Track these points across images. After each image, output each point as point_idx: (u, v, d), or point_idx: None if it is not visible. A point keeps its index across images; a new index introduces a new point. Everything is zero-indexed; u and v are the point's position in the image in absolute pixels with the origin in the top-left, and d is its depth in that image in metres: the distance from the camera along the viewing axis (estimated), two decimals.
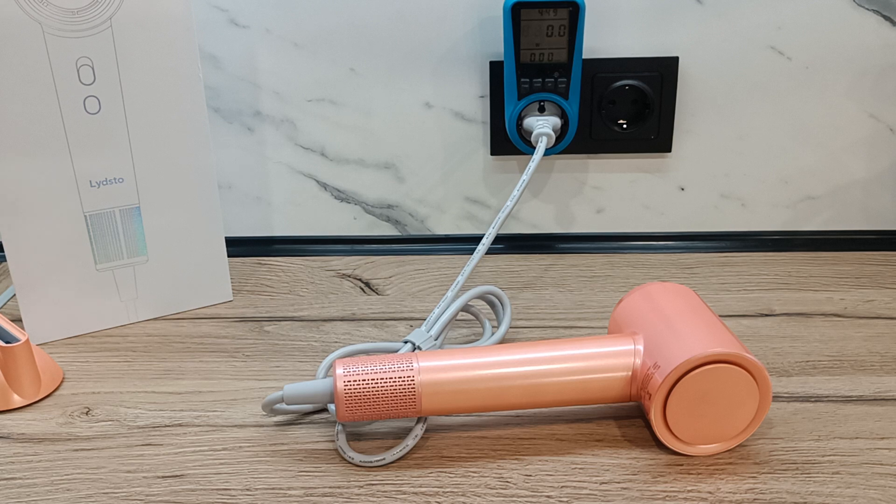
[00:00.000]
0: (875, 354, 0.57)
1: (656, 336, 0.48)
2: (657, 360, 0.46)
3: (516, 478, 0.46)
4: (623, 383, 0.48)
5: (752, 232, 0.77)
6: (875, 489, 0.44)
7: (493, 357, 0.48)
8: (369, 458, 0.47)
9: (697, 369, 0.45)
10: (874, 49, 0.70)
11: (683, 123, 0.74)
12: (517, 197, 0.65)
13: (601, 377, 0.48)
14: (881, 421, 0.49)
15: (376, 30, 0.72)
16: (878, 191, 0.76)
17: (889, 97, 0.72)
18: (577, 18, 0.66)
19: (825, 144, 0.74)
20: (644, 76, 0.71)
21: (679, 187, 0.76)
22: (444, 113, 0.74)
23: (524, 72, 0.69)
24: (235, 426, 0.51)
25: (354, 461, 0.47)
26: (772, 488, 0.44)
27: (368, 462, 0.47)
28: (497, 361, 0.48)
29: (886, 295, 0.66)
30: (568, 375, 0.48)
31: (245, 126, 0.75)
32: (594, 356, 0.48)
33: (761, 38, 0.71)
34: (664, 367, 0.45)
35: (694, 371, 0.45)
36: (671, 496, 0.44)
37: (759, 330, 0.61)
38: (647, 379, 0.46)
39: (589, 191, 0.77)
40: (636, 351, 0.48)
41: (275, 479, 0.46)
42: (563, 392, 0.48)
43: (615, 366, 0.48)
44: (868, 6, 0.69)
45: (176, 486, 0.46)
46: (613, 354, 0.48)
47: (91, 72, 0.57)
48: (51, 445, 0.50)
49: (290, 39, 0.72)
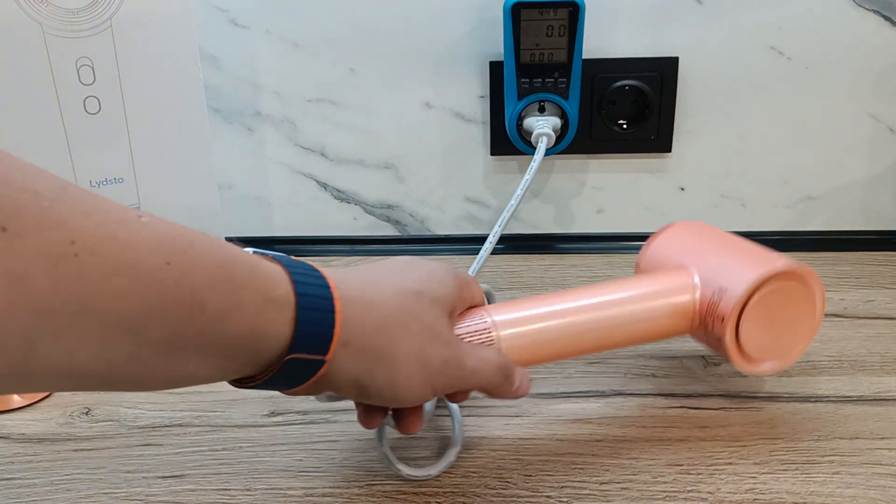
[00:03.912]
0: (875, 354, 0.57)
1: (709, 265, 0.49)
2: (722, 285, 0.47)
3: (516, 478, 0.46)
4: (689, 315, 0.49)
5: (752, 232, 0.77)
6: (875, 489, 0.44)
7: (564, 304, 0.48)
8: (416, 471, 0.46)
9: (765, 287, 0.46)
10: (874, 49, 0.70)
11: (683, 123, 0.74)
12: (520, 196, 0.66)
13: (668, 312, 0.48)
14: (881, 421, 0.49)
15: (376, 30, 0.72)
16: (878, 191, 0.76)
17: (889, 97, 0.72)
18: (577, 18, 0.66)
19: (825, 144, 0.74)
20: (644, 76, 0.71)
21: (679, 187, 0.76)
22: (444, 113, 0.74)
23: (524, 72, 0.69)
24: (235, 426, 0.51)
25: (402, 473, 0.45)
26: (772, 488, 0.44)
27: (415, 476, 0.45)
28: (569, 309, 0.48)
29: (886, 295, 0.66)
30: (638, 316, 0.48)
31: (245, 126, 0.75)
32: (658, 294, 0.49)
33: (761, 38, 0.71)
34: (732, 291, 0.46)
35: (762, 288, 0.46)
36: (671, 496, 0.44)
37: None
38: (714, 306, 0.47)
39: (589, 191, 0.77)
40: (694, 284, 0.49)
41: (275, 479, 0.46)
42: (634, 333, 0.48)
43: (679, 301, 0.49)
44: (868, 6, 0.69)
45: (176, 487, 0.46)
46: (675, 290, 0.49)
47: (91, 72, 0.57)
48: (51, 445, 0.50)
49: (291, 40, 0.72)
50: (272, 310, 0.34)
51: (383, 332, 0.38)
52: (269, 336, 0.34)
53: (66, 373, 0.30)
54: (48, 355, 0.28)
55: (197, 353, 0.32)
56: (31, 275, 0.27)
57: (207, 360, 0.33)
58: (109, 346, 0.30)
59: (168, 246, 0.31)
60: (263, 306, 0.34)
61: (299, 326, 0.35)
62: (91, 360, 0.30)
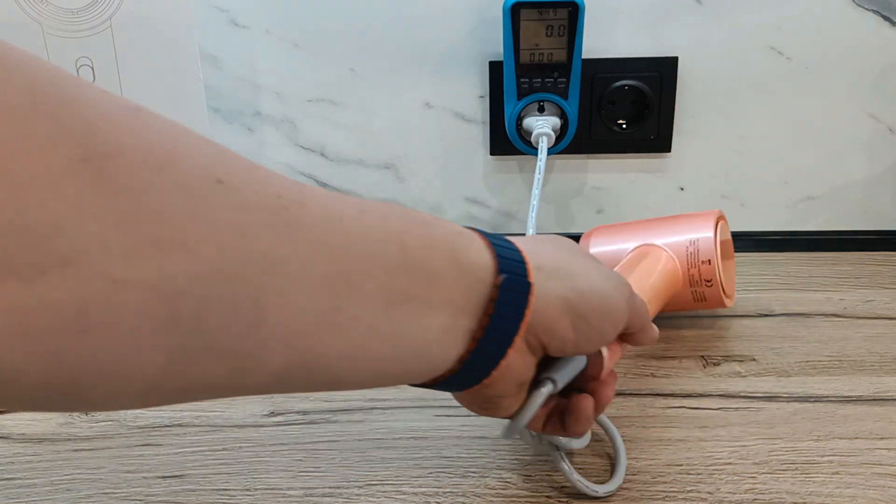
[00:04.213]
0: (874, 354, 0.57)
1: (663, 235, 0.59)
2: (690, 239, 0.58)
3: (516, 478, 0.46)
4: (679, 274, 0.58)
5: (752, 232, 0.77)
6: (874, 489, 0.44)
7: None
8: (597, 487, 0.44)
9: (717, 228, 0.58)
10: (874, 49, 0.70)
11: (683, 123, 0.74)
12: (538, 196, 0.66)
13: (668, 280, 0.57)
14: (880, 421, 0.49)
15: (376, 30, 0.72)
16: (878, 191, 0.76)
17: (889, 97, 0.72)
18: (577, 18, 0.66)
19: (825, 144, 0.74)
20: (644, 76, 0.71)
21: (679, 187, 0.76)
22: (444, 113, 0.74)
23: (524, 72, 0.69)
24: (235, 426, 0.51)
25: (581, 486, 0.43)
26: (771, 488, 0.44)
27: (595, 492, 0.43)
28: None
29: (886, 295, 0.66)
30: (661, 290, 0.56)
31: (245, 126, 0.75)
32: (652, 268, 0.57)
33: (761, 38, 0.71)
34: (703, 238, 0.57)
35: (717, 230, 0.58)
36: (671, 496, 0.44)
37: (758, 330, 0.61)
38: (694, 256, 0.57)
39: (589, 191, 0.77)
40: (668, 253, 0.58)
41: (275, 480, 0.46)
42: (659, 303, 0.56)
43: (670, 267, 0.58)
44: (868, 6, 0.69)
45: (176, 487, 0.46)
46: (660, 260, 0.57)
47: (91, 72, 0.57)
48: (51, 446, 0.50)
49: (291, 40, 0.72)
50: (464, 239, 0.34)
51: (563, 261, 0.38)
52: (472, 264, 0.33)
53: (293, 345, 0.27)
54: (275, 322, 0.26)
55: (415, 304, 0.31)
56: (253, 227, 0.26)
57: (427, 313, 0.31)
58: (333, 304, 0.28)
59: (356, 200, 0.31)
60: (456, 239, 0.33)
61: (496, 249, 0.34)
62: (315, 326, 0.28)
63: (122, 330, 0.23)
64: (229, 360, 0.26)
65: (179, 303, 0.24)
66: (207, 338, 0.25)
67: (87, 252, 0.22)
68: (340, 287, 0.28)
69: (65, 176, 0.22)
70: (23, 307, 0.21)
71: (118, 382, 0.24)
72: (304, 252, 0.27)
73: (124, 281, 0.22)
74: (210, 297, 0.25)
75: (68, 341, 0.22)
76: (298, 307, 0.27)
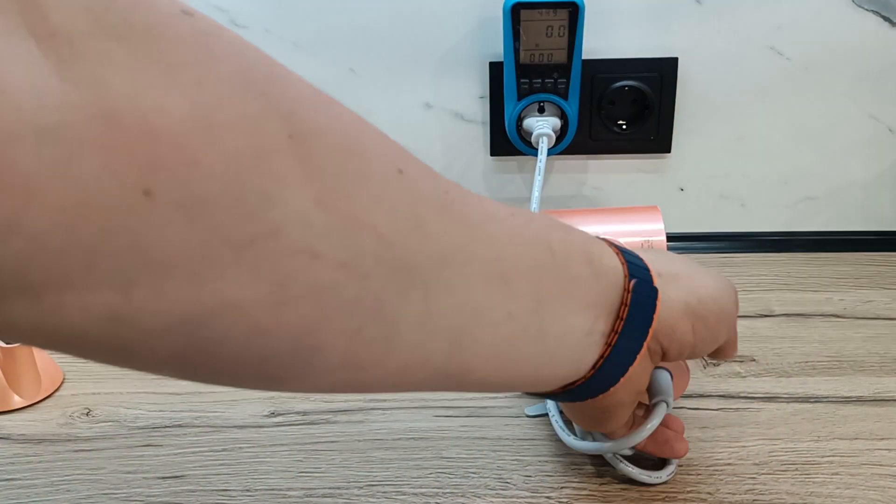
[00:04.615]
0: (874, 355, 0.57)
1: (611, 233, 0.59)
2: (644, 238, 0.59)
3: (516, 478, 0.46)
4: None
5: (751, 232, 0.77)
6: (874, 490, 0.44)
7: None
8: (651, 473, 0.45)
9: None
10: (874, 49, 0.70)
11: (683, 124, 0.74)
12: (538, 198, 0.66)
13: None
14: (880, 422, 0.49)
15: (376, 30, 0.72)
16: (878, 191, 0.76)
17: (889, 97, 0.72)
18: (577, 19, 0.66)
19: (825, 145, 0.74)
20: (643, 77, 0.71)
21: (678, 188, 0.76)
22: (444, 113, 0.74)
23: (524, 72, 0.69)
24: (235, 427, 0.51)
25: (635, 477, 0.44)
26: (771, 489, 0.44)
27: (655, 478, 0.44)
28: None
29: (886, 295, 0.66)
30: None
31: None
32: None
33: (761, 39, 0.71)
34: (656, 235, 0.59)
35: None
36: (671, 496, 0.44)
37: (758, 330, 0.61)
38: None
39: (589, 191, 0.77)
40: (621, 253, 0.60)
41: (275, 480, 0.46)
42: None
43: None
44: (868, 6, 0.69)
45: (176, 487, 0.46)
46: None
47: None
48: (51, 446, 0.50)
49: (290, 40, 0.72)
50: (597, 245, 0.35)
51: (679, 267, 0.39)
52: (606, 268, 0.34)
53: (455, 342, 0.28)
54: (440, 315, 0.27)
55: (558, 305, 0.32)
56: (428, 218, 0.26)
57: (568, 315, 0.32)
58: (491, 303, 0.29)
59: (497, 202, 0.31)
60: (590, 242, 0.34)
61: (624, 254, 0.35)
62: (473, 322, 0.28)
63: (315, 306, 0.24)
64: (400, 351, 0.27)
65: (365, 284, 0.24)
66: (383, 326, 0.26)
67: (293, 224, 0.22)
68: (497, 284, 0.29)
69: (274, 151, 0.22)
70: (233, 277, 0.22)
71: (302, 362, 0.25)
72: (468, 248, 0.28)
73: (324, 256, 0.23)
74: (389, 282, 0.25)
75: (263, 314, 0.23)
76: (461, 301, 0.28)
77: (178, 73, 0.21)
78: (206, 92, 0.21)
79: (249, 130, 0.22)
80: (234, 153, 0.21)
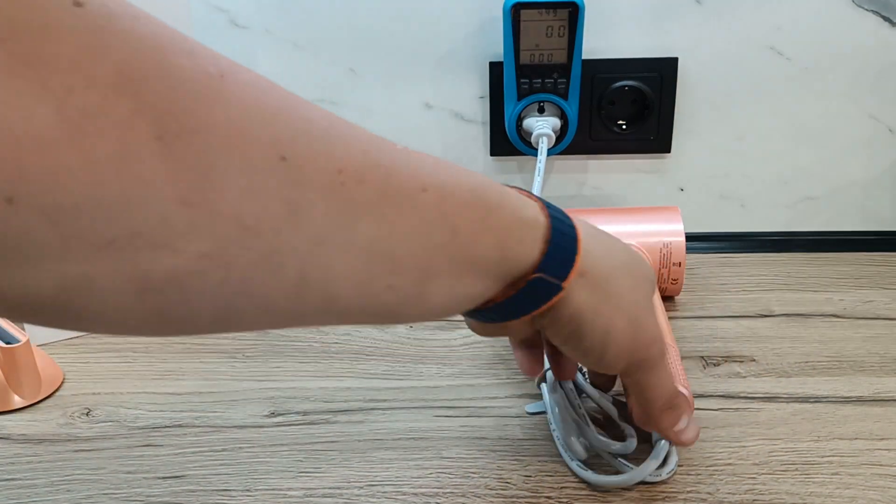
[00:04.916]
0: (874, 355, 0.57)
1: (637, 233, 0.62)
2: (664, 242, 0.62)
3: (516, 478, 0.46)
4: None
5: (751, 232, 0.78)
6: (874, 490, 0.44)
7: None
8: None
9: None
10: (873, 49, 0.70)
11: (683, 124, 0.74)
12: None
13: None
14: (880, 422, 0.49)
15: (376, 30, 0.72)
16: (878, 191, 0.76)
17: (889, 97, 0.72)
18: (577, 19, 0.66)
19: (824, 145, 0.74)
20: (643, 77, 0.72)
21: (678, 188, 0.76)
22: (444, 113, 0.74)
23: (524, 72, 0.69)
24: (235, 427, 0.51)
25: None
26: (771, 489, 0.44)
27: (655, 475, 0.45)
28: None
29: (885, 295, 0.66)
30: None
31: None
32: None
33: (761, 39, 0.71)
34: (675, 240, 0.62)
35: None
36: (671, 496, 0.44)
37: (758, 330, 0.61)
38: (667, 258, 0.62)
39: (589, 191, 0.77)
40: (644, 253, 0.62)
41: (275, 480, 0.46)
42: None
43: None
44: (867, 7, 0.69)
45: (176, 487, 0.46)
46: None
47: None
48: (51, 446, 0.50)
49: (291, 40, 0.72)
50: (522, 229, 0.34)
51: (614, 278, 0.38)
52: (517, 257, 0.34)
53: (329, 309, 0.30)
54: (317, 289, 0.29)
55: (448, 279, 0.33)
56: (307, 204, 0.27)
57: (456, 286, 0.33)
58: (371, 277, 0.30)
59: (424, 172, 0.31)
60: (514, 226, 0.34)
61: (551, 247, 0.35)
62: (353, 293, 0.30)
63: (178, 290, 0.26)
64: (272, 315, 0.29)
65: (230, 270, 0.26)
66: (254, 299, 0.28)
67: (153, 225, 0.24)
68: (380, 261, 0.30)
69: (140, 154, 0.23)
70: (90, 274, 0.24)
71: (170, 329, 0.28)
72: (352, 228, 0.29)
73: (184, 251, 0.25)
74: (257, 266, 0.27)
75: (126, 298, 0.25)
76: (337, 275, 0.29)
77: (51, 78, 0.22)
78: (77, 98, 0.22)
79: (117, 136, 0.23)
80: (100, 160, 0.23)
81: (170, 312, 0.27)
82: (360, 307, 0.31)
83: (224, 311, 0.28)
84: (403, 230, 0.30)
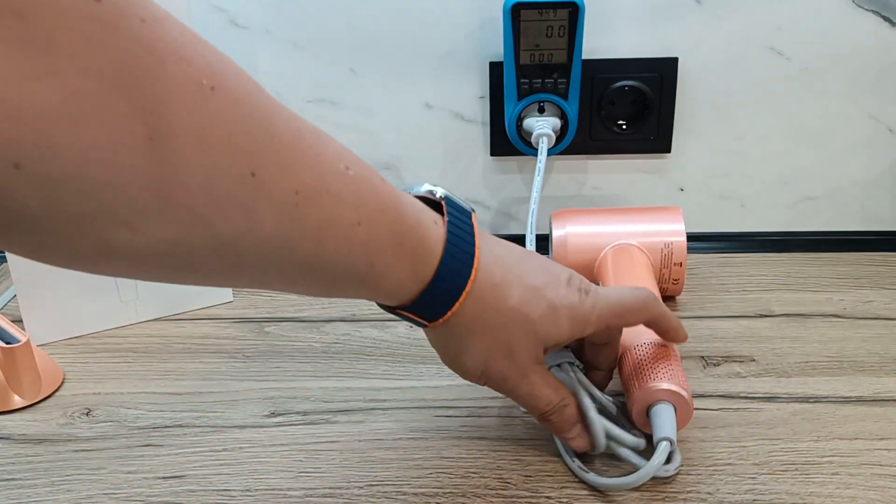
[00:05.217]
0: (874, 355, 0.57)
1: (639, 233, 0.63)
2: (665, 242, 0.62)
3: (516, 478, 0.46)
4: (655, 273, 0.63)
5: (751, 232, 0.78)
6: (874, 490, 0.44)
7: None
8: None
9: None
10: (873, 49, 0.70)
11: (683, 124, 0.74)
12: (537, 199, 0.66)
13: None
14: (880, 422, 0.49)
15: (376, 30, 0.72)
16: (878, 191, 0.76)
17: (889, 97, 0.72)
18: (577, 19, 0.66)
19: (824, 145, 0.74)
20: (643, 77, 0.72)
21: (678, 188, 0.76)
22: (444, 113, 0.74)
23: (524, 72, 0.69)
24: (235, 427, 0.51)
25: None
26: (771, 489, 0.44)
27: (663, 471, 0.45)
28: None
29: (885, 296, 0.66)
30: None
31: None
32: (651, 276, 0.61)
33: (760, 39, 0.71)
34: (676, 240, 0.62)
35: None
36: (671, 496, 0.44)
37: (758, 330, 0.61)
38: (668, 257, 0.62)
39: (589, 191, 0.77)
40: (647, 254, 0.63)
41: (275, 480, 0.46)
42: None
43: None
44: (867, 6, 0.69)
45: (176, 487, 0.46)
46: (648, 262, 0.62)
47: None
48: (51, 446, 0.50)
49: (290, 40, 0.72)
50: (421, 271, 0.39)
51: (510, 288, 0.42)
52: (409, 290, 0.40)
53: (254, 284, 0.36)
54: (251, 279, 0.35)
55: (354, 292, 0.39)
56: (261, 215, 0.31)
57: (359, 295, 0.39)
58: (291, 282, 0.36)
59: (365, 206, 0.36)
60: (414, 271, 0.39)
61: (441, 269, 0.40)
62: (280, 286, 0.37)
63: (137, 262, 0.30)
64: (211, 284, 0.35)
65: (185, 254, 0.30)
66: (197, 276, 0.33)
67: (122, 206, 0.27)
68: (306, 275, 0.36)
69: (129, 148, 0.26)
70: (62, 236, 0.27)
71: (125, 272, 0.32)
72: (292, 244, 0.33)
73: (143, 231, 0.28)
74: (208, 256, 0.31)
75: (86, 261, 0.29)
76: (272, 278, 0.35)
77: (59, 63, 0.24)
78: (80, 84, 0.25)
79: (112, 126, 0.26)
80: (92, 144, 0.25)
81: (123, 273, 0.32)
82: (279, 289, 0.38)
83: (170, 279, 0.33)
84: (333, 258, 0.35)
